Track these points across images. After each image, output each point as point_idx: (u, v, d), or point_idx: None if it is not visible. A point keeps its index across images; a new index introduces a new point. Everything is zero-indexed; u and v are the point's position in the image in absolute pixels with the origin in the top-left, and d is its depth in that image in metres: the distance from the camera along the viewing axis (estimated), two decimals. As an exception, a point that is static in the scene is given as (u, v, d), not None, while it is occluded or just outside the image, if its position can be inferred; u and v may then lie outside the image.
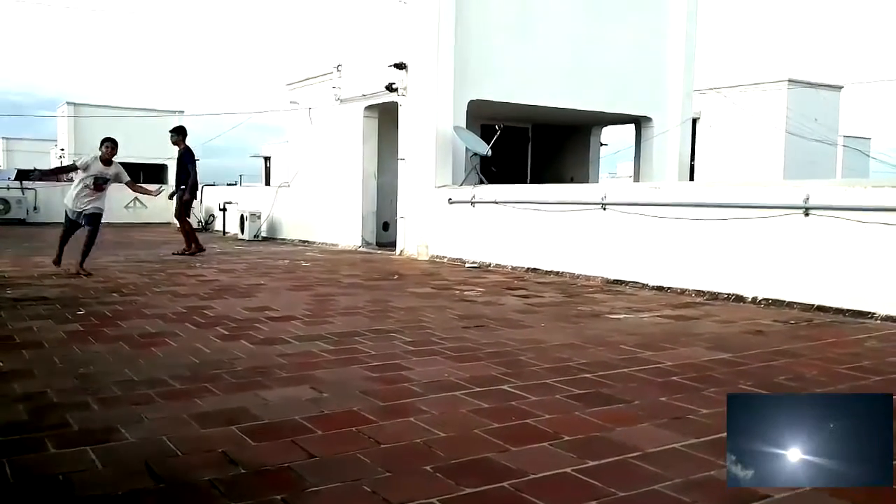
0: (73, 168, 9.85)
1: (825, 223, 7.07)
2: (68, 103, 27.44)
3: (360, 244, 14.54)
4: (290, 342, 5.25)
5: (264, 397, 3.83)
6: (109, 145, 9.44)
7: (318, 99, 16.07)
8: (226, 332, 5.59)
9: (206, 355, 4.81)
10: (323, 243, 15.52)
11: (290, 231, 17.36)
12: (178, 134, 13.08)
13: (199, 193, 22.03)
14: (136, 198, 24.93)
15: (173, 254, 12.61)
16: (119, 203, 21.79)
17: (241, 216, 17.70)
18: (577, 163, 17.14)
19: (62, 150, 27.31)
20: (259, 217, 17.68)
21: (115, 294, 7.64)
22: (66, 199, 9.52)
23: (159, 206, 25.29)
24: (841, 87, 22.47)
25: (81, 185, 9.32)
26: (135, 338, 5.33)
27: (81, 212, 9.28)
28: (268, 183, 28.63)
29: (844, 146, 23.71)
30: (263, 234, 17.69)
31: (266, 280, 9.20)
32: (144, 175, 26.64)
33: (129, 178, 9.83)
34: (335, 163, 15.39)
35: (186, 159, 12.94)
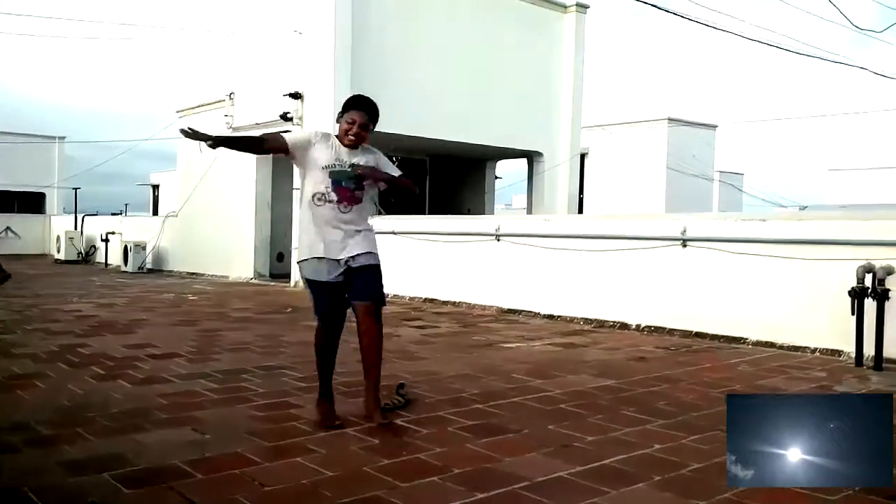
0: (272, 143, 4.14)
1: (701, 254, 7.46)
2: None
3: (252, 276, 14.18)
4: (172, 381, 5.02)
5: (141, 441, 3.64)
6: (366, 112, 4.09)
7: (210, 127, 15.64)
8: (102, 372, 5.29)
9: (79, 397, 4.53)
10: (212, 275, 15.04)
11: (177, 263, 16.74)
12: None
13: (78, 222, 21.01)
14: (7, 227, 23.45)
15: None
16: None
17: (125, 247, 16.92)
18: (473, 194, 17.45)
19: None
20: (144, 248, 16.96)
21: (-20, 332, 7.12)
22: (299, 247, 4.20)
23: (36, 236, 24.00)
24: (716, 126, 23.92)
25: (315, 199, 4.03)
26: None
27: (348, 262, 4.02)
28: (156, 212, 27.58)
29: (720, 181, 25.17)
30: (149, 266, 16.97)
31: (149, 315, 8.79)
32: (19, 205, 25.15)
33: (399, 172, 4.30)
34: (227, 192, 15.01)
35: None
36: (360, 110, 4.07)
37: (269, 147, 4.18)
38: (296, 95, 12.81)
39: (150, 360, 5.80)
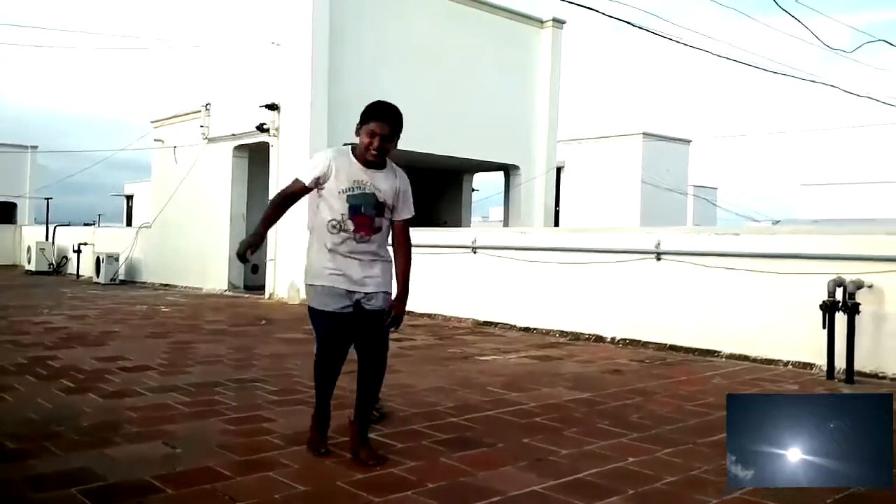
0: (297, 191, 3.70)
1: (675, 267, 7.53)
2: None
3: (226, 288, 14.06)
4: (144, 394, 4.95)
5: (111, 455, 3.58)
6: (387, 123, 3.54)
7: (185, 137, 15.56)
8: (71, 385, 5.20)
9: (48, 411, 4.45)
10: (186, 287, 14.89)
11: (151, 274, 16.55)
12: None
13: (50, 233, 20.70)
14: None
15: None
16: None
17: (98, 258, 16.70)
18: (450, 207, 17.48)
19: None
20: (117, 259, 16.75)
21: (-54, 344, 6.97)
22: (306, 269, 3.76)
23: (6, 247, 23.54)
24: (690, 141, 24.21)
25: (329, 226, 3.59)
26: (-35, 393, 4.87)
27: (361, 297, 3.58)
28: (130, 223, 27.28)
29: (694, 195, 25.46)
30: (122, 277, 16.76)
31: (120, 327, 8.67)
32: (-10, 214, 24.74)
33: (412, 212, 3.78)
34: (202, 203, 14.89)
35: None
36: (381, 121, 3.50)
37: (296, 198, 3.68)
38: (272, 107, 12.79)
39: (121, 372, 5.71)
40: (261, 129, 12.90)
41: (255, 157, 14.01)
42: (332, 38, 12.34)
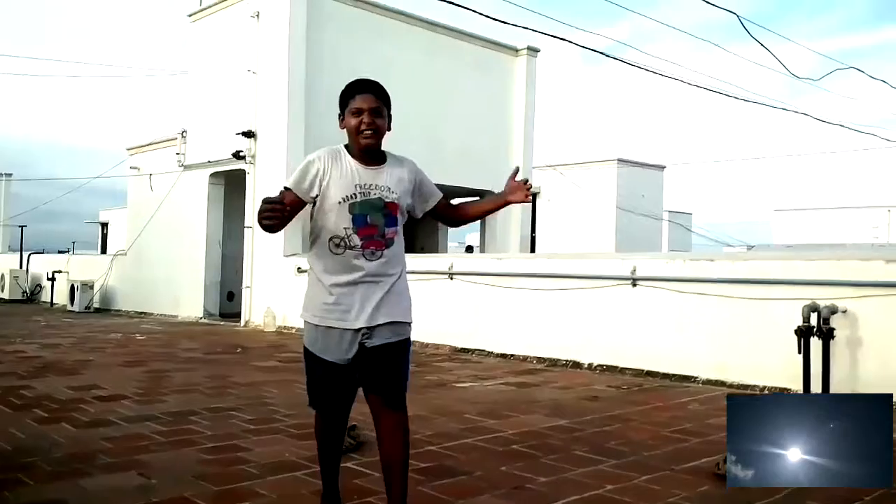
0: (293, 205, 2.90)
1: (651, 293, 7.60)
2: None
3: (202, 315, 13.93)
4: (118, 424, 4.89)
5: (85, 486, 3.52)
6: (372, 94, 3.03)
7: (162, 165, 15.51)
8: (45, 415, 5.12)
9: (21, 441, 4.37)
10: (162, 315, 14.74)
11: (126, 302, 16.37)
12: None
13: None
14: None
15: None
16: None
17: (72, 286, 16.49)
18: (427, 232, 17.50)
19: None
20: (91, 287, 16.55)
21: (-87, 375, 6.83)
22: (305, 298, 3.00)
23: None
24: (664, 167, 24.56)
25: (330, 244, 2.91)
26: (-66, 425, 4.77)
27: (364, 335, 2.89)
28: (105, 250, 26.97)
29: (669, 221, 25.77)
30: (96, 305, 16.55)
31: (95, 356, 8.56)
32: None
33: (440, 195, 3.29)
34: (177, 230, 14.80)
35: None
36: (364, 93, 2.96)
37: (292, 215, 2.83)
38: (249, 134, 12.81)
39: (95, 402, 5.63)
40: (237, 156, 12.92)
41: (232, 184, 14.00)
42: (309, 66, 12.43)
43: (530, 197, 3.15)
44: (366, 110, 2.90)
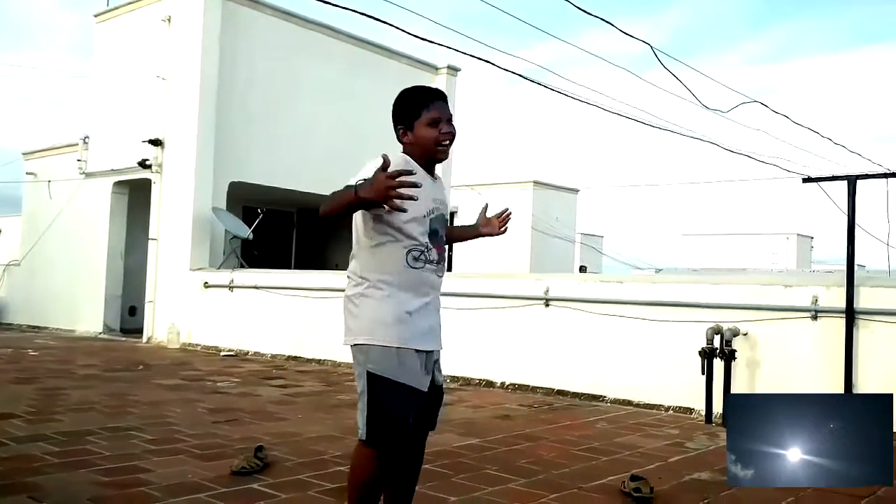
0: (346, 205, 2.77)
1: (563, 314, 7.73)
2: None
3: (101, 330, 13.29)
4: (8, 444, 4.58)
5: (-37, 514, 3.27)
6: (446, 103, 2.80)
7: (61, 171, 14.77)
8: (-80, 436, 4.74)
9: None
10: (58, 329, 13.98)
11: (18, 315, 15.47)
12: None
13: None
14: None
15: None
16: None
17: (-42, 297, 15.47)
18: (342, 249, 17.31)
19: None
20: (-20, 298, 15.56)
21: None
22: (366, 319, 2.77)
23: None
24: (578, 190, 25.18)
25: (409, 257, 2.73)
26: None
27: (432, 357, 2.95)
28: (-5, 260, 25.40)
29: (581, 243, 26.39)
30: (-16, 317, 15.56)
31: (-18, 372, 8.02)
32: None
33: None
34: (77, 241, 14.10)
35: None
36: (442, 101, 2.73)
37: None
38: (156, 142, 12.36)
39: (-22, 422, 5.26)
40: (143, 164, 12.44)
41: (136, 194, 13.47)
42: (222, 75, 12.13)
43: (505, 229, 3.25)
44: (444, 120, 2.70)
